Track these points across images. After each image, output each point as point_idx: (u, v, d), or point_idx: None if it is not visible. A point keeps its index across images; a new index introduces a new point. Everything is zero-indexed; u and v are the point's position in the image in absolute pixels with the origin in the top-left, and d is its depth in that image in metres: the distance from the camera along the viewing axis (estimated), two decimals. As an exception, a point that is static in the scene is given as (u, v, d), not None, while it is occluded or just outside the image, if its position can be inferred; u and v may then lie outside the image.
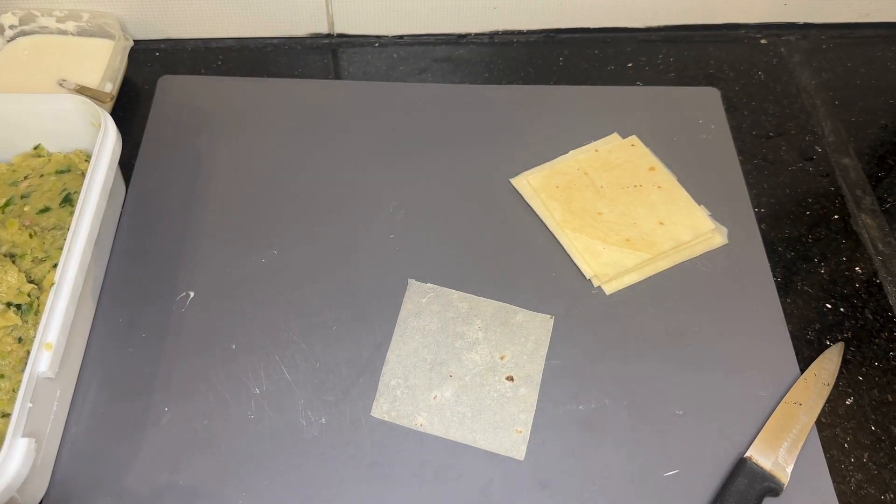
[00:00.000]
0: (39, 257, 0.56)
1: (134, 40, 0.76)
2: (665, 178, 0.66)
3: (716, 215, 0.64)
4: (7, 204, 0.60)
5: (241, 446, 0.52)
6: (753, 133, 0.74)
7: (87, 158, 0.62)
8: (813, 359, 0.57)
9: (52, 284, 0.49)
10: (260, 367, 0.55)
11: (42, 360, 0.47)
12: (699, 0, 0.80)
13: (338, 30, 0.79)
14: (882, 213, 0.68)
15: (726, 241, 0.63)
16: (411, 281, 0.60)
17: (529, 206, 0.64)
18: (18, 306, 0.53)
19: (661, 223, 0.63)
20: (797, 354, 0.57)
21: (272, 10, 0.77)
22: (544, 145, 0.69)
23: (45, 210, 0.59)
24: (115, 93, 0.71)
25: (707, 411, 0.54)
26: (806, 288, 0.63)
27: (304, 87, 0.74)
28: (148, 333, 0.57)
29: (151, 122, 0.71)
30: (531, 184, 0.65)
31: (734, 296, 0.60)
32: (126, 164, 0.68)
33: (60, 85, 0.70)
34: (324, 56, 0.79)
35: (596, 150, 0.68)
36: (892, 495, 0.52)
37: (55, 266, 0.54)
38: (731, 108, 0.76)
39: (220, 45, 0.80)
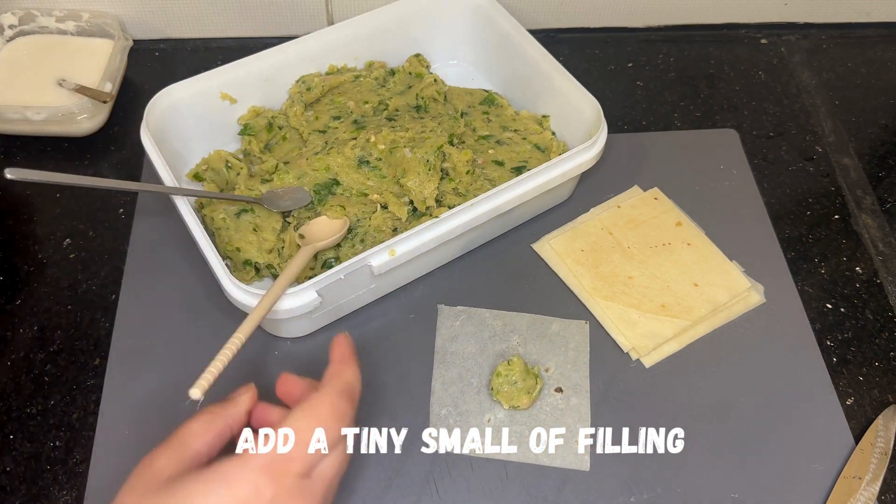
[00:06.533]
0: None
1: (134, 40, 0.75)
2: (693, 233, 0.63)
3: (749, 271, 0.61)
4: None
5: None
6: (753, 133, 0.73)
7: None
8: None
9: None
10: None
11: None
12: (699, 0, 0.80)
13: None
14: (882, 213, 0.67)
15: (763, 300, 0.60)
16: (441, 306, 0.58)
17: (555, 272, 0.61)
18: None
19: (696, 284, 0.59)
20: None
21: (272, 10, 0.76)
22: (563, 203, 0.65)
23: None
24: (114, 93, 0.70)
25: (763, 491, 0.51)
26: (806, 288, 0.62)
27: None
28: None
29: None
30: (554, 248, 0.62)
31: (777, 360, 0.57)
32: (127, 171, 0.67)
33: (60, 85, 0.69)
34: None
35: (618, 207, 0.64)
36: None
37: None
38: (731, 107, 0.75)
39: (220, 45, 0.79)
